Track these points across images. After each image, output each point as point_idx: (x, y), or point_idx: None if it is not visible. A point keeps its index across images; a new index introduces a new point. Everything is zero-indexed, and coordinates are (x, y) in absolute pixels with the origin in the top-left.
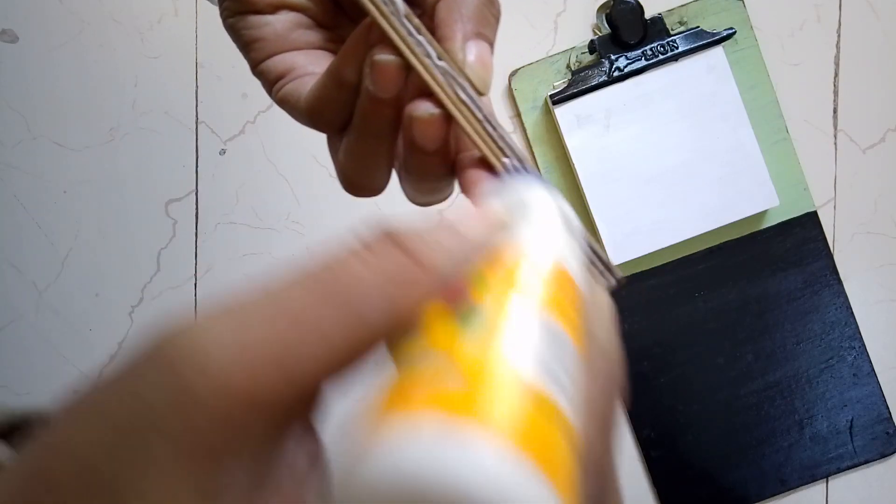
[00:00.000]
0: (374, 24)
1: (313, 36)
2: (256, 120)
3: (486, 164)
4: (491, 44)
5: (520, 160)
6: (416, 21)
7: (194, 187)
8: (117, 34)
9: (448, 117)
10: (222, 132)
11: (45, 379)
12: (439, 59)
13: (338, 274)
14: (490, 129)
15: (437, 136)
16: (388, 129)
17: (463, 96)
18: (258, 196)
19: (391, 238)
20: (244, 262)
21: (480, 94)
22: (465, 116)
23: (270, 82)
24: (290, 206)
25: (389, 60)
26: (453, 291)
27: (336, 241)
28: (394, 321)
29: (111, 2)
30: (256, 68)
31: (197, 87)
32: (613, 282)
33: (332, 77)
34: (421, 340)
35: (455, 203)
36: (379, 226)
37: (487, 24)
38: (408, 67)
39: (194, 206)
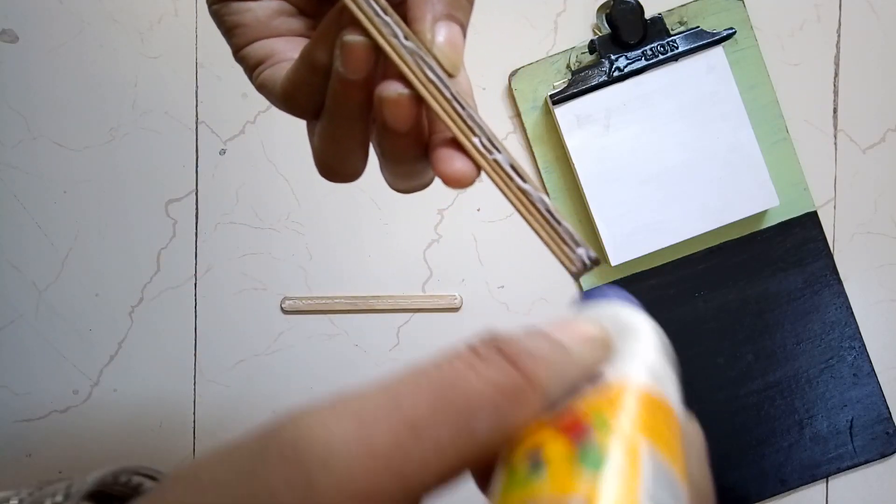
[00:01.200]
0: (344, 7)
1: (295, 23)
2: (256, 120)
3: (457, 144)
4: (463, 26)
5: (489, 139)
6: (383, 2)
7: (194, 187)
8: (117, 34)
9: (418, 98)
10: (222, 132)
11: (45, 379)
12: (406, 39)
13: (452, 381)
14: (459, 108)
15: (407, 117)
16: (360, 111)
17: (431, 76)
18: (258, 196)
19: (501, 350)
20: (244, 262)
21: (450, 75)
22: (433, 96)
23: (251, 68)
24: (290, 206)
25: (357, 41)
26: (560, 414)
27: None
28: (500, 437)
29: (111, 2)
30: (238, 54)
31: (197, 87)
32: (585, 259)
33: (305, 60)
34: (528, 464)
35: (547, 300)
36: (489, 335)
37: (459, 6)
38: (377, 49)
39: (194, 206)
